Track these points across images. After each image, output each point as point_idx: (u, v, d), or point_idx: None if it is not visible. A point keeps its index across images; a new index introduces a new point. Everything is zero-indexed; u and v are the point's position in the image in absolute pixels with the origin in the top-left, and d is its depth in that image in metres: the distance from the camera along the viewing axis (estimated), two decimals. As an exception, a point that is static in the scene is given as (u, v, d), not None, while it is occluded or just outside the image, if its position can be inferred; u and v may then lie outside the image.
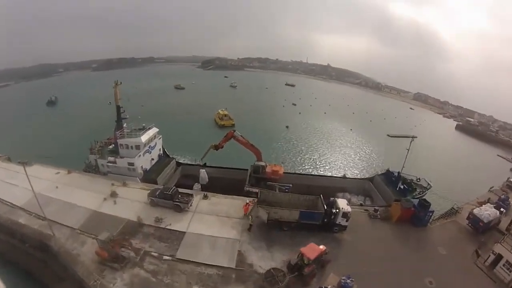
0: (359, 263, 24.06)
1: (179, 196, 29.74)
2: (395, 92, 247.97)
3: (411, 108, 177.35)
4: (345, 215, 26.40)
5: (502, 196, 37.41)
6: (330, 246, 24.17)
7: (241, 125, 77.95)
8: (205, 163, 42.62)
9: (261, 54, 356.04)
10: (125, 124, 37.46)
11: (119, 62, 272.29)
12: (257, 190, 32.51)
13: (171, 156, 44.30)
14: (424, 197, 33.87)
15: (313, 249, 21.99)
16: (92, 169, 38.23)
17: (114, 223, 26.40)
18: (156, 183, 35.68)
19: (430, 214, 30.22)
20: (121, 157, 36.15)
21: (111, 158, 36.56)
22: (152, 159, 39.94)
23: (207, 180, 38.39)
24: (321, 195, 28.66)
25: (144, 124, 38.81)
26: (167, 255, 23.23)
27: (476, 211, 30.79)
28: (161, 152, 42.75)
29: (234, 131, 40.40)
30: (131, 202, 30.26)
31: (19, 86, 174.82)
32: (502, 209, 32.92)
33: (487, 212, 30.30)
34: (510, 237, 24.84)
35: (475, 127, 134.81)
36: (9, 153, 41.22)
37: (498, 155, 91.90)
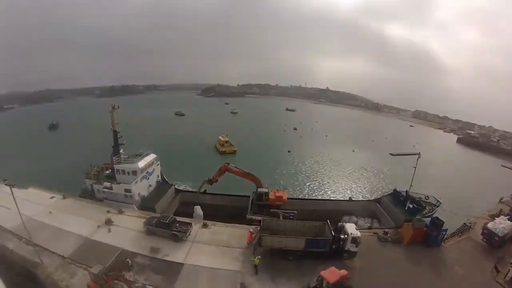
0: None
1: (177, 224, 28.19)
2: (394, 111, 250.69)
3: (411, 126, 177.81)
4: (355, 240, 24.70)
5: (514, 206, 35.80)
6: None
7: (243, 151, 78.01)
8: (205, 190, 41.33)
9: (261, 80, 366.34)
10: (121, 150, 36.70)
11: (122, 89, 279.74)
12: (260, 218, 31.04)
13: (170, 182, 43.09)
14: (435, 215, 32.33)
15: (334, 273, 20.55)
16: (87, 195, 37.10)
17: (107, 253, 24.74)
18: (154, 210, 34.17)
19: (444, 233, 28.44)
20: (118, 183, 35.16)
21: (107, 184, 35.58)
22: (150, 185, 38.72)
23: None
24: (328, 220, 27.01)
25: (141, 150, 38.17)
26: (163, 290, 21.33)
27: (490, 225, 29.21)
28: (159, 178, 41.58)
29: (228, 163, 39.71)
30: (126, 231, 28.69)
31: (23, 109, 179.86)
32: None
33: (502, 225, 28.71)
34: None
35: (476, 139, 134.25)
36: (5, 175, 40.05)
37: (503, 166, 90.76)
